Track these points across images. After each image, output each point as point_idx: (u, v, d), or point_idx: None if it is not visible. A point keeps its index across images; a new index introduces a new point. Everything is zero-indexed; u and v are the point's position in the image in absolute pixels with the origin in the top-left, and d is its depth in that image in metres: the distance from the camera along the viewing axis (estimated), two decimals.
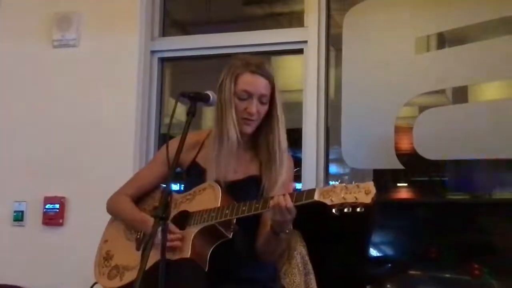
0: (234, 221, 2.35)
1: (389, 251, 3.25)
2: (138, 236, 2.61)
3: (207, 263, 2.34)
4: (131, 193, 2.68)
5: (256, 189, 2.48)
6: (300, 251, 2.68)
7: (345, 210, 2.09)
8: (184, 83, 4.47)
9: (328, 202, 2.10)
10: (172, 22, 4.35)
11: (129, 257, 2.57)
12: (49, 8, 3.95)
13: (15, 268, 3.78)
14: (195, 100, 2.38)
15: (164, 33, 4.08)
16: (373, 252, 3.22)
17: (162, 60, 4.04)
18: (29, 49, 3.97)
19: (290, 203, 2.21)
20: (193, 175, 2.58)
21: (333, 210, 2.09)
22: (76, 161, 3.79)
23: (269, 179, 2.48)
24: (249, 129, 2.51)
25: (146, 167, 2.77)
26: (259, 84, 2.50)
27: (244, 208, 2.29)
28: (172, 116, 2.26)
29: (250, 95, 2.48)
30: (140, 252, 2.53)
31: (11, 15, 4.05)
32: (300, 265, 2.64)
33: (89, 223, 2.76)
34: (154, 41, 4.00)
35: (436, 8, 3.52)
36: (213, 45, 3.87)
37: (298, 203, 2.20)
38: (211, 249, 2.36)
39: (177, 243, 2.34)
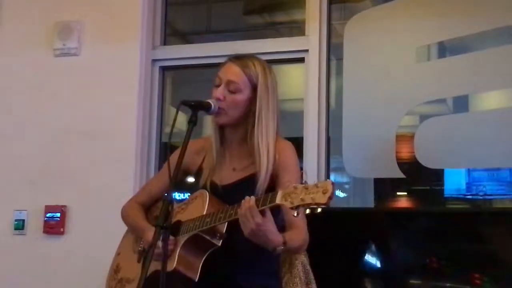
0: (224, 229, 2.26)
1: (389, 260, 3.24)
2: (140, 248, 2.58)
3: (198, 272, 2.27)
4: (141, 200, 2.66)
5: (254, 189, 2.36)
6: (301, 260, 2.67)
7: (307, 211, 2.02)
8: (185, 92, 4.48)
9: (288, 205, 2.01)
10: (173, 31, 4.36)
11: (132, 269, 2.54)
12: (50, 17, 3.96)
13: (16, 277, 3.76)
14: (196, 109, 2.36)
15: (165, 42, 4.09)
16: (374, 262, 3.21)
17: (163, 69, 4.04)
18: (31, 58, 3.97)
19: (250, 203, 2.10)
20: (197, 182, 2.52)
21: (294, 214, 2.00)
22: (77, 169, 3.78)
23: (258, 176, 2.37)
24: (219, 119, 2.42)
25: (156, 174, 2.73)
26: (228, 69, 2.43)
27: (221, 216, 2.22)
28: (173, 125, 2.25)
29: (220, 81, 2.43)
30: (140, 264, 2.51)
31: (12, 25, 4.05)
32: (301, 274, 2.63)
33: (90, 231, 2.76)
34: (155, 50, 4.00)
35: (437, 18, 3.53)
36: (214, 54, 3.86)
37: (263, 207, 2.10)
38: (203, 259, 2.29)
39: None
